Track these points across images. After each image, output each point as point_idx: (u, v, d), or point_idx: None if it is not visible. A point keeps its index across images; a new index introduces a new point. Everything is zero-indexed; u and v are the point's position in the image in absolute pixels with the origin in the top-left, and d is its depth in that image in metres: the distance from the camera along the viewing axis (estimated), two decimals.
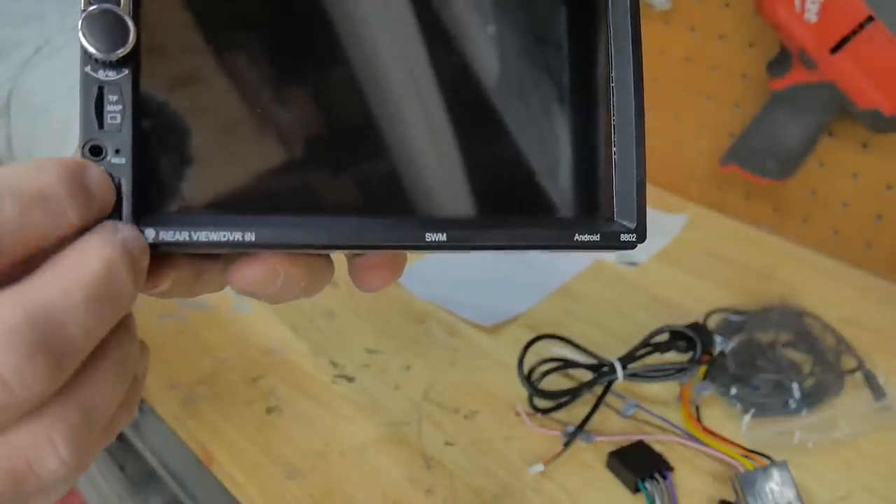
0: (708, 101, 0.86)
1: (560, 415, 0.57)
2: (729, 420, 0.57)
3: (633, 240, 0.29)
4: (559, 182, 0.30)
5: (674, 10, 0.84)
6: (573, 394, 0.56)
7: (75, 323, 0.20)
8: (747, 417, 0.56)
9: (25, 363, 0.19)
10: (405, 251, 0.29)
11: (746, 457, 0.52)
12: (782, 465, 0.50)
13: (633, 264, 0.76)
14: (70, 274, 0.20)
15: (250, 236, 0.24)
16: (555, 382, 0.58)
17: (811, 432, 0.56)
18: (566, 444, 0.54)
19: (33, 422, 0.20)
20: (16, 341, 0.19)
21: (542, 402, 0.57)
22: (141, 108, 0.24)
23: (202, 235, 0.24)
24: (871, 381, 0.60)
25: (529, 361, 0.57)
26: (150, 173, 0.24)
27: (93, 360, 0.21)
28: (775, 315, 0.66)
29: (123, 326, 0.23)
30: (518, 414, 0.57)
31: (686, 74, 0.86)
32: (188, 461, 0.58)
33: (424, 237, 0.27)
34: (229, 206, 0.25)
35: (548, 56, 0.30)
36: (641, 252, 0.78)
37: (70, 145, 0.35)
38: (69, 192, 0.21)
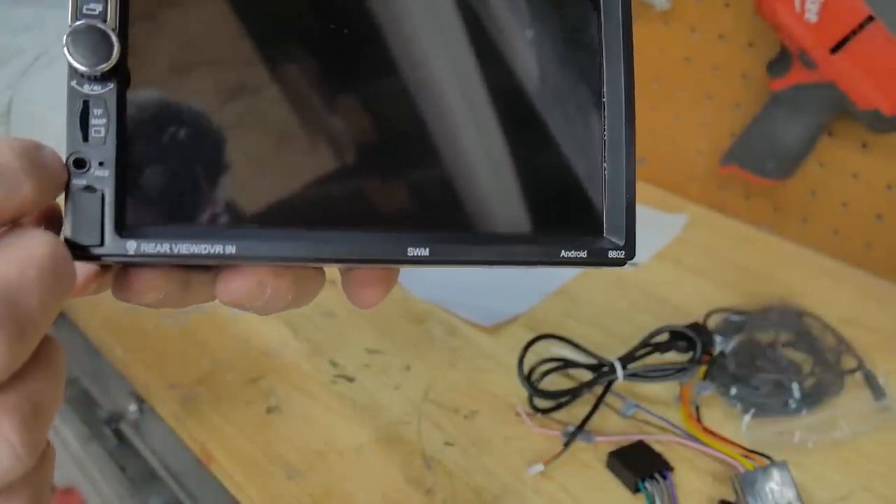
0: (708, 101, 0.86)
1: (560, 415, 0.57)
2: (729, 420, 0.57)
3: (622, 257, 0.29)
4: (547, 198, 0.30)
5: (674, 10, 0.84)
6: (573, 394, 0.56)
7: (32, 298, 0.20)
8: (747, 417, 0.56)
9: None
10: (389, 266, 0.29)
11: (746, 457, 0.52)
12: (782, 465, 0.50)
13: (633, 264, 0.77)
14: (22, 254, 0.21)
15: (231, 249, 0.25)
16: (555, 382, 0.58)
17: (811, 432, 0.56)
18: (566, 444, 0.54)
19: None
20: None
21: (542, 402, 0.57)
22: (125, 122, 0.24)
23: (183, 248, 0.24)
24: (871, 381, 0.60)
25: (529, 361, 0.57)
26: (132, 186, 0.24)
27: (42, 351, 0.22)
28: (775, 315, 0.66)
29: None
30: (518, 414, 0.57)
31: (686, 74, 0.86)
32: (188, 461, 0.58)
33: (406, 252, 0.27)
34: (211, 219, 0.25)
35: (538, 74, 0.30)
36: (641, 252, 0.78)
37: None
38: (24, 167, 0.21)
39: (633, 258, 0.30)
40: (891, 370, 0.61)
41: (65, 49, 0.23)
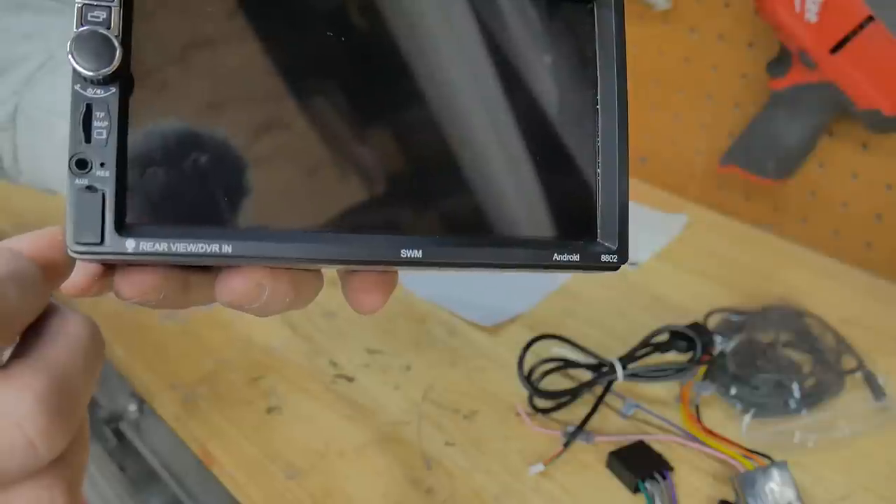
0: (708, 101, 0.86)
1: (560, 415, 0.57)
2: (729, 420, 0.57)
3: (615, 261, 0.30)
4: (541, 202, 0.30)
5: (674, 10, 0.84)
6: (573, 394, 0.56)
7: (81, 383, 0.22)
8: (747, 417, 0.56)
9: (52, 425, 0.20)
10: (384, 268, 0.29)
11: (746, 457, 0.52)
12: (782, 465, 0.50)
13: (633, 264, 0.76)
14: (71, 341, 0.23)
15: (227, 248, 0.25)
16: (555, 382, 0.58)
17: (811, 432, 0.56)
18: (566, 444, 0.54)
19: (36, 480, 0.21)
20: (45, 406, 0.20)
21: (542, 402, 0.57)
22: (126, 124, 0.25)
23: (180, 247, 0.25)
24: (871, 381, 0.60)
25: (529, 361, 0.57)
26: (132, 186, 0.25)
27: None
28: (775, 315, 0.66)
29: None
30: (518, 414, 0.57)
31: (686, 74, 0.86)
32: (188, 461, 0.58)
33: (400, 254, 0.27)
34: (209, 220, 0.26)
35: (532, 80, 0.30)
36: (641, 252, 0.78)
37: None
38: (44, 277, 0.24)
39: (625, 262, 0.30)
40: (891, 370, 0.61)
41: (69, 54, 0.24)
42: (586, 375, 0.58)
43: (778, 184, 0.80)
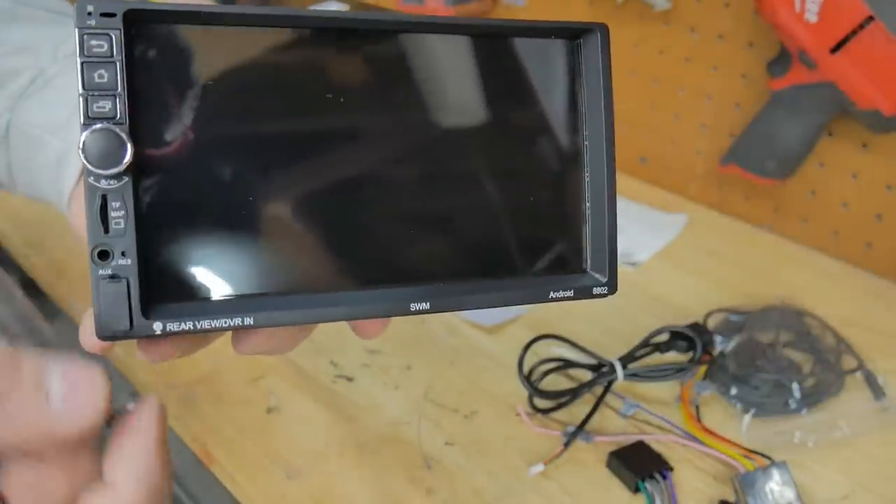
0: (708, 101, 0.86)
1: (560, 415, 0.57)
2: (729, 420, 0.57)
3: (605, 292, 0.32)
4: (536, 242, 0.31)
5: (674, 10, 0.84)
6: (573, 394, 0.56)
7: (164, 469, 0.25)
8: (747, 417, 0.56)
9: None
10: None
11: (746, 457, 0.52)
12: (782, 465, 0.50)
13: (633, 264, 0.76)
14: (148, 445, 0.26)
15: (249, 320, 0.27)
16: (555, 382, 0.58)
17: (811, 432, 0.56)
18: (566, 444, 0.54)
19: None
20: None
21: (542, 402, 0.57)
22: (142, 211, 0.26)
23: (206, 323, 0.26)
24: (871, 381, 0.60)
25: (529, 361, 0.57)
26: (153, 271, 0.26)
27: None
28: (775, 315, 0.66)
29: None
30: (518, 414, 0.57)
31: (686, 74, 0.86)
32: (188, 461, 0.58)
33: (409, 307, 0.29)
34: (229, 294, 0.27)
35: (523, 117, 0.31)
36: (641, 252, 0.78)
37: (67, 176, 0.37)
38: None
39: (615, 292, 0.32)
40: (891, 370, 0.61)
41: (80, 153, 0.24)
42: (586, 375, 0.58)
43: (778, 184, 0.80)
